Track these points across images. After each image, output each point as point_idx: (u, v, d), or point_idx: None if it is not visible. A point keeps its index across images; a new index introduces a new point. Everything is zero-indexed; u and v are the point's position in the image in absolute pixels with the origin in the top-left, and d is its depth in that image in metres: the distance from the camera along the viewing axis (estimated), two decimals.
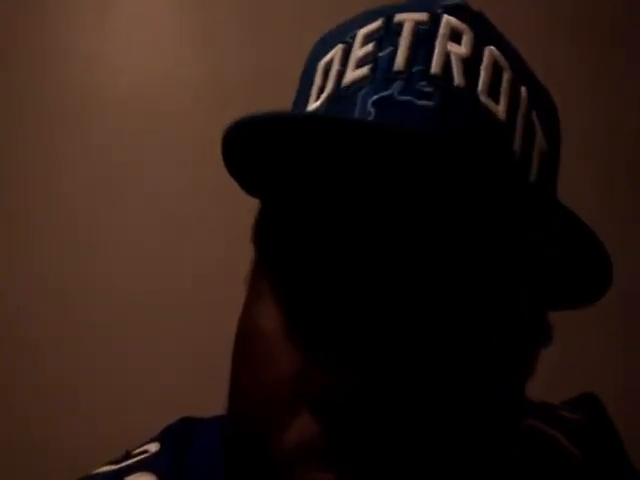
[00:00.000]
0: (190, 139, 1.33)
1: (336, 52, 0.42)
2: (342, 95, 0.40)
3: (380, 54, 0.40)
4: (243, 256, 0.45)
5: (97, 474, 0.50)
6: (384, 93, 0.39)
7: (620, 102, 1.37)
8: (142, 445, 0.51)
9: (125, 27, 1.36)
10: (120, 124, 1.34)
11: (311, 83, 0.43)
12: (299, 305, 0.39)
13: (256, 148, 0.40)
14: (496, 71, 0.40)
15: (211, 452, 0.48)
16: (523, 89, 0.41)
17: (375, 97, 0.39)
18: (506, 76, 0.41)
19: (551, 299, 0.43)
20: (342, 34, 0.43)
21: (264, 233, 0.43)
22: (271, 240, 0.41)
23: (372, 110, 0.38)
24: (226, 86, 1.35)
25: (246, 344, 0.42)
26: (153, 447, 0.50)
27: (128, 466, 0.49)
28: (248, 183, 0.44)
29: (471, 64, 0.40)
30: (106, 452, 0.54)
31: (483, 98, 0.39)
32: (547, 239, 0.37)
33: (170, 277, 1.31)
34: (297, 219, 0.39)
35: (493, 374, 0.39)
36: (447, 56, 0.40)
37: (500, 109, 0.39)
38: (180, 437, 0.50)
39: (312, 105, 0.41)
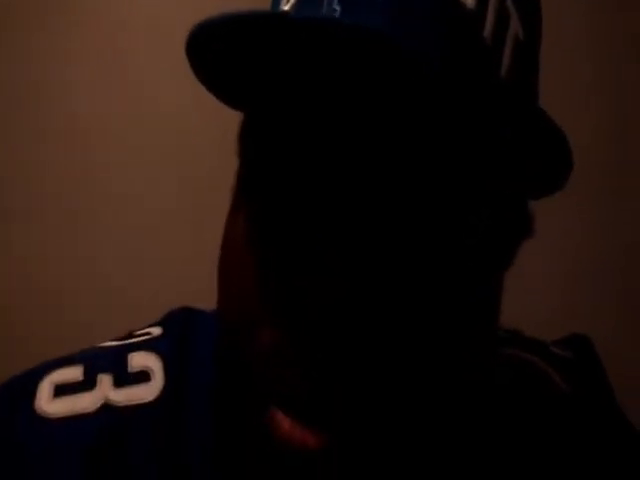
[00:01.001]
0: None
1: None
2: None
3: None
4: None
5: (102, 347, 0.50)
6: None
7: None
8: (144, 327, 0.51)
9: None
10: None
11: None
12: (266, 215, 0.39)
13: (224, 55, 0.38)
14: None
15: (210, 345, 0.47)
16: None
17: None
18: None
19: (523, 188, 0.42)
20: None
21: (242, 143, 0.42)
22: (246, 150, 0.41)
23: (337, 8, 0.37)
24: None
25: (223, 252, 0.43)
26: (156, 330, 0.50)
27: (132, 344, 0.49)
28: (225, 94, 0.41)
29: None
30: None
31: None
32: (517, 130, 0.35)
33: (170, 277, 1.31)
34: (270, 129, 0.39)
35: (472, 269, 0.38)
36: None
37: None
38: (182, 325, 0.50)
39: (284, 6, 0.40)
